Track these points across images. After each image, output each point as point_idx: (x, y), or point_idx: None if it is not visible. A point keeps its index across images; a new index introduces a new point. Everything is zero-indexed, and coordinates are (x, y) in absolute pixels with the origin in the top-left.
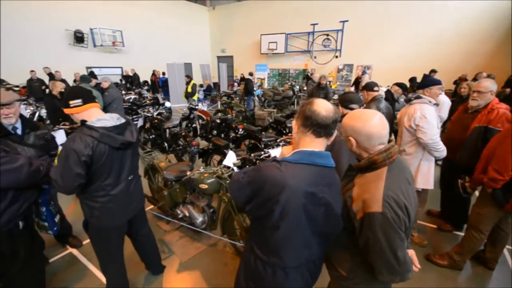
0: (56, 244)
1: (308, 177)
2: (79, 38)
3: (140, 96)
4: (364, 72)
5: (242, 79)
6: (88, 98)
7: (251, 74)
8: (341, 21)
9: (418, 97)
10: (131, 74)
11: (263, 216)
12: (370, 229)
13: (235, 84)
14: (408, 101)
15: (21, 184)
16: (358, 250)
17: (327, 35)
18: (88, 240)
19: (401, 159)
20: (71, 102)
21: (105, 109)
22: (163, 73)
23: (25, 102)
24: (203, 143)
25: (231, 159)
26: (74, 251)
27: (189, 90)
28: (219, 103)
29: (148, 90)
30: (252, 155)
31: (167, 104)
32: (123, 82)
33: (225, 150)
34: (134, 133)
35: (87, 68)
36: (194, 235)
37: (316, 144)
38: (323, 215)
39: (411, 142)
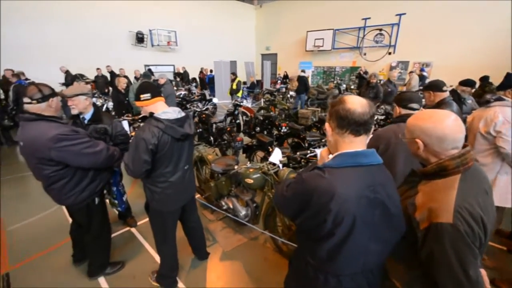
0: (117, 221)
1: (356, 180)
2: (140, 38)
3: (189, 92)
4: (422, 70)
5: (285, 76)
6: (155, 93)
7: (303, 71)
8: (397, 15)
9: (499, 99)
10: (181, 71)
11: (315, 226)
12: (437, 241)
13: (278, 81)
14: (486, 103)
15: (99, 166)
16: (418, 263)
17: (380, 30)
18: (143, 221)
19: (479, 167)
20: (141, 96)
21: None
22: (211, 71)
23: (96, 95)
24: (246, 139)
25: (277, 156)
26: (133, 229)
27: (234, 87)
28: (262, 100)
29: (196, 87)
30: (298, 153)
31: (214, 100)
32: (178, 79)
33: (269, 147)
34: (192, 126)
35: (145, 66)
36: (236, 227)
37: (356, 144)
38: (379, 217)
39: (487, 151)
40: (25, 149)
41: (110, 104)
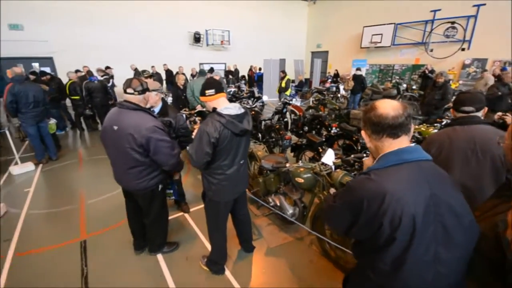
0: (173, 206)
1: (405, 176)
2: (197, 38)
3: (239, 89)
4: (503, 69)
5: (336, 75)
6: (219, 89)
7: (359, 69)
8: (475, 5)
9: None
10: (232, 69)
11: (372, 235)
12: None
13: (328, 80)
14: None
15: (164, 165)
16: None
17: (453, 22)
18: (195, 208)
19: None
20: (207, 91)
21: None
22: (259, 69)
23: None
24: (293, 138)
25: (330, 157)
26: (186, 215)
27: (283, 85)
28: (311, 99)
29: (245, 84)
30: (352, 156)
31: (264, 98)
32: (230, 76)
33: (319, 147)
34: (250, 122)
35: (200, 64)
36: (281, 225)
37: (397, 144)
38: (443, 217)
39: None
40: (120, 132)
41: (170, 99)
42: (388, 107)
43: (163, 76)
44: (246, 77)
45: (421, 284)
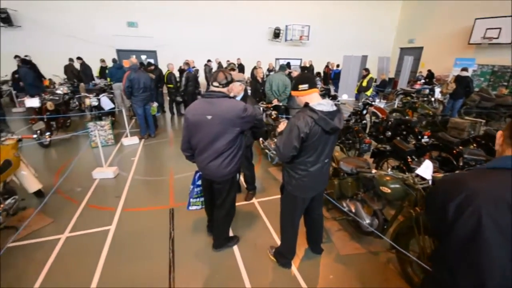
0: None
1: (500, 181)
2: (276, 34)
3: None
4: None
5: (429, 75)
6: (312, 84)
7: (465, 69)
8: None
9: None
10: (307, 65)
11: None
12: None
13: (419, 81)
14: None
15: (260, 125)
16: None
17: None
18: (265, 198)
19: None
20: (299, 86)
21: (290, 95)
22: (337, 65)
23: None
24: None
25: (427, 169)
26: (256, 204)
27: (364, 84)
28: (396, 101)
29: (319, 81)
30: (457, 172)
31: (344, 96)
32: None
33: (407, 157)
34: (342, 120)
35: (276, 59)
36: (353, 233)
37: None
38: None
39: None
40: (215, 120)
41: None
42: None
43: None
44: (322, 74)
45: None
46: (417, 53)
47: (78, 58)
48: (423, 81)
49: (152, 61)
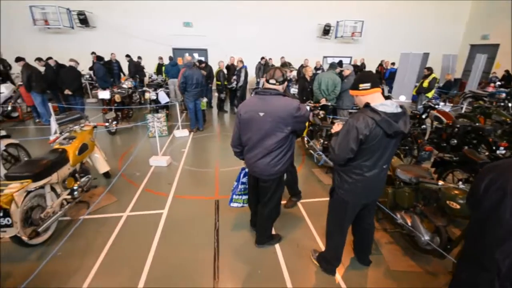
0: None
1: None
2: (326, 30)
3: None
4: None
5: (506, 77)
6: (375, 83)
7: None
8: None
9: None
10: (358, 63)
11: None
12: None
13: (494, 83)
14: None
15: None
16: None
17: None
18: (309, 200)
19: None
20: (360, 85)
21: (340, 95)
22: (393, 64)
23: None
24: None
25: None
26: (299, 205)
27: (425, 84)
28: (464, 105)
29: None
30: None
31: (401, 98)
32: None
33: (480, 169)
34: (408, 124)
35: (324, 57)
36: (406, 248)
37: None
38: None
39: None
40: (267, 117)
41: (292, 90)
42: None
43: None
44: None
45: None
46: (492, 51)
47: (127, 55)
48: (498, 83)
49: (203, 58)
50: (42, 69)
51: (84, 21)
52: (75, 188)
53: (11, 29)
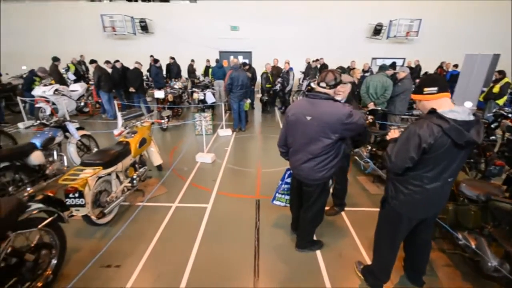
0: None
1: None
2: (377, 30)
3: None
4: None
5: None
6: (443, 87)
7: None
8: None
9: None
10: (413, 65)
11: None
12: None
13: None
14: None
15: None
16: None
17: None
18: (353, 208)
19: None
20: (425, 89)
21: (392, 99)
22: (455, 66)
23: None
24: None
25: None
26: (343, 213)
27: (496, 90)
28: None
29: None
30: None
31: (467, 104)
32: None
33: None
34: (481, 133)
35: (372, 58)
36: (468, 273)
37: None
38: None
39: None
40: (314, 122)
41: None
42: None
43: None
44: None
45: None
46: None
47: (171, 57)
48: None
49: (247, 61)
50: (109, 70)
51: (144, 27)
52: (134, 177)
53: (87, 36)
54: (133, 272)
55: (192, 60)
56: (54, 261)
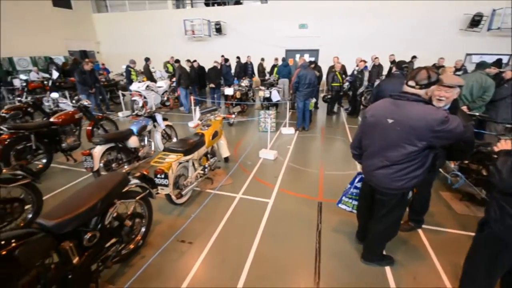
0: None
1: None
2: (475, 21)
3: None
4: None
5: None
6: None
7: None
8: None
9: None
10: None
11: None
12: None
13: None
14: None
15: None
16: None
17: None
18: (430, 227)
19: None
20: None
21: (493, 103)
22: None
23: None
24: None
25: None
26: (420, 232)
27: None
28: None
29: None
30: None
31: None
32: None
33: None
34: None
35: (467, 54)
36: None
37: None
38: None
39: None
40: (396, 126)
41: None
42: None
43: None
44: None
45: None
46: None
47: (237, 57)
48: None
49: (313, 59)
50: (188, 69)
51: (218, 30)
52: (206, 166)
53: (172, 39)
54: (202, 251)
55: (262, 59)
56: (143, 229)
